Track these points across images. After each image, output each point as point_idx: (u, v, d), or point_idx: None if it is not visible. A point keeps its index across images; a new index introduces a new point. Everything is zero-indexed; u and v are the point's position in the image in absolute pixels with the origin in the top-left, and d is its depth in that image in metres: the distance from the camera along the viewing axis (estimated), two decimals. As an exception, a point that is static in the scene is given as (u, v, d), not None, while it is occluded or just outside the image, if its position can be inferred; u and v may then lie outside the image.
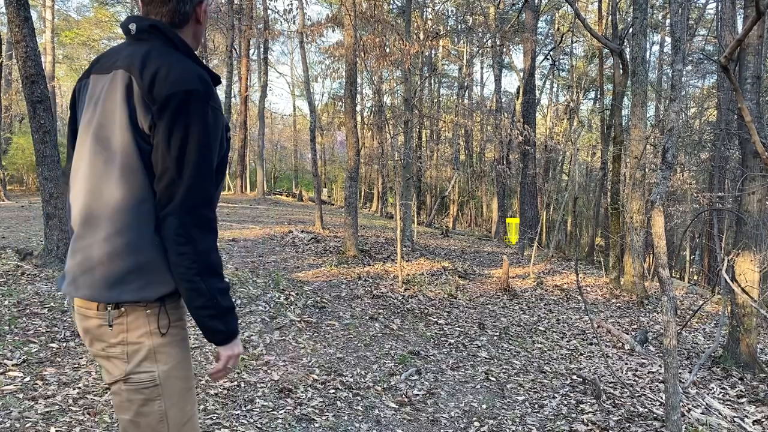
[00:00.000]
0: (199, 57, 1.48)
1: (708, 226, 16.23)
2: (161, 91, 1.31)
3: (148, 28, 1.42)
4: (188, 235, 1.32)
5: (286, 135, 37.34)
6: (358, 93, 17.32)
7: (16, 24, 5.49)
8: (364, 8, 11.50)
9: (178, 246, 1.32)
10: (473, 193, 27.65)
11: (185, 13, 1.46)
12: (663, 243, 3.61)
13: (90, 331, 1.41)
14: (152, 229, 1.36)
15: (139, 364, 1.38)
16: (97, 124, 1.38)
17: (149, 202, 1.35)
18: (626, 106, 15.21)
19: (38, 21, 21.39)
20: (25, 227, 9.28)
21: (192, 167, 1.32)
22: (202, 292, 1.34)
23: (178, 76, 1.33)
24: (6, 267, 5.52)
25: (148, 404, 1.39)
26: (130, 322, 1.37)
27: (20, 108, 20.39)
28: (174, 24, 1.45)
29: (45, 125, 5.70)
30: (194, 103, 1.31)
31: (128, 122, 1.34)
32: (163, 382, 1.40)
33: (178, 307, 1.44)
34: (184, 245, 1.32)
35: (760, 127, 5.17)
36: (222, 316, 1.39)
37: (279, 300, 5.76)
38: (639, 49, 9.30)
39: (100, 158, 1.37)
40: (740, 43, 3.11)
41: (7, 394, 2.99)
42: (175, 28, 1.45)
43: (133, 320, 1.37)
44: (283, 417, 3.28)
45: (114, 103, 1.35)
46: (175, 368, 1.42)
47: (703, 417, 4.11)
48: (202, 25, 1.53)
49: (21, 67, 5.60)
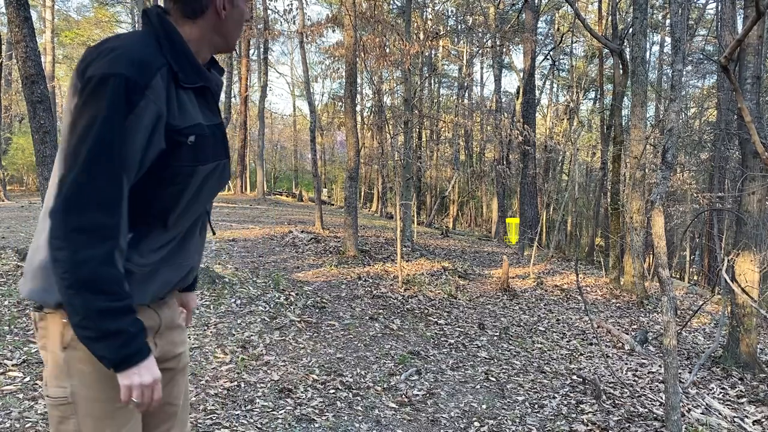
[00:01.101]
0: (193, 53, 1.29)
1: (708, 226, 16.23)
2: (84, 74, 1.16)
3: (142, 15, 1.30)
4: (66, 238, 1.10)
5: (286, 135, 37.36)
6: (358, 93, 17.33)
7: (16, 24, 5.49)
8: (364, 8, 11.49)
9: (52, 250, 1.12)
10: (473, 193, 27.65)
11: (198, 1, 1.28)
12: (663, 243, 3.61)
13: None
14: None
15: (55, 377, 1.24)
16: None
17: None
18: (626, 106, 15.21)
19: (38, 21, 21.39)
20: (25, 227, 9.28)
21: (85, 160, 1.11)
22: (75, 308, 1.12)
23: (108, 59, 1.15)
24: (6, 267, 5.52)
25: (63, 422, 1.26)
26: (49, 328, 1.24)
27: (20, 108, 20.41)
28: (185, 14, 1.28)
29: (45, 125, 5.70)
30: (112, 87, 1.12)
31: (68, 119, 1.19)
32: (78, 401, 1.24)
33: None
34: (57, 250, 1.11)
35: (760, 127, 5.17)
36: (102, 339, 1.13)
37: (279, 300, 5.76)
38: (639, 49, 9.30)
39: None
40: (740, 43, 3.11)
41: (7, 394, 2.99)
42: (186, 18, 1.29)
43: (52, 327, 1.23)
44: (283, 417, 3.28)
45: (68, 103, 1.23)
46: (92, 388, 1.24)
47: (703, 417, 4.11)
48: (226, 21, 1.32)
49: (21, 67, 5.60)
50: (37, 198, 15.14)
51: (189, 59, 1.28)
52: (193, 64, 1.28)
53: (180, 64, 1.25)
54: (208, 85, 1.33)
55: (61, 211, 1.11)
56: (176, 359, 1.48)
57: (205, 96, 1.33)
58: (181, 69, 1.25)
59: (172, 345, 1.46)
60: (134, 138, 1.15)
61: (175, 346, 1.47)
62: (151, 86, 1.17)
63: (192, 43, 1.31)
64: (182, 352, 1.51)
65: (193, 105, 1.29)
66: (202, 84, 1.31)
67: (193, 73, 1.28)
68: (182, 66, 1.26)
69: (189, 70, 1.27)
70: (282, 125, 38.98)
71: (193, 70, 1.28)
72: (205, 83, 1.32)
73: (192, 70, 1.28)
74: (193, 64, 1.29)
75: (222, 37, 1.35)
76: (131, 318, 1.17)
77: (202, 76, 1.31)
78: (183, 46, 1.27)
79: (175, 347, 1.47)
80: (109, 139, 1.12)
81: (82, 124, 1.13)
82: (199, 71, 1.30)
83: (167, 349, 1.44)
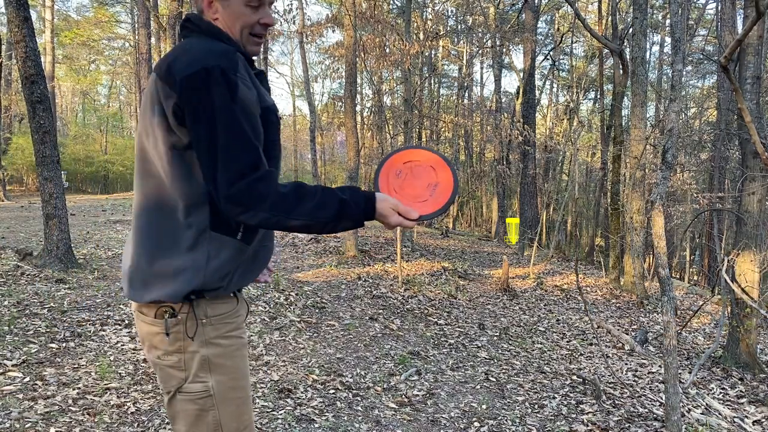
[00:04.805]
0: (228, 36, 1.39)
1: (708, 226, 16.23)
2: (176, 76, 1.24)
3: (183, 23, 1.40)
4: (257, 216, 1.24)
5: (286, 135, 37.31)
6: (358, 93, 17.33)
7: (15, 24, 5.49)
8: (364, 8, 11.49)
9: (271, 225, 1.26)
10: (473, 194, 27.63)
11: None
12: (663, 243, 3.61)
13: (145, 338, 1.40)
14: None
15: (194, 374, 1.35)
16: (140, 131, 1.36)
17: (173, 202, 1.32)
18: (626, 106, 15.21)
19: (38, 21, 21.39)
20: (25, 227, 9.28)
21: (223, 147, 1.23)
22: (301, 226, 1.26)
23: (191, 57, 1.26)
24: (6, 267, 5.52)
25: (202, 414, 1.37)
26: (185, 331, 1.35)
27: (20, 108, 20.39)
28: (202, 10, 1.39)
29: (45, 125, 5.70)
30: (213, 78, 1.23)
31: (158, 123, 1.29)
32: (219, 392, 1.36)
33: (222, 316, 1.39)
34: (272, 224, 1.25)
35: (760, 127, 5.17)
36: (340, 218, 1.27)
37: (279, 300, 5.76)
38: (639, 49, 9.30)
39: (139, 166, 1.37)
40: (740, 43, 3.11)
41: (7, 394, 2.99)
42: (204, 14, 1.39)
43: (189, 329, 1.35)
44: (283, 417, 3.28)
45: (146, 106, 1.32)
46: (231, 379, 1.38)
47: (703, 417, 4.11)
48: (220, 20, 1.40)
49: (21, 67, 5.60)
50: (36, 198, 15.12)
51: (239, 48, 1.38)
52: (245, 53, 1.40)
53: (243, 52, 1.37)
54: (262, 71, 1.46)
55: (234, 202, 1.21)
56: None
57: (263, 81, 1.45)
58: (245, 56, 1.37)
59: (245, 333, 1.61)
60: (248, 115, 1.26)
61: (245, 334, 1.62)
62: (239, 70, 1.28)
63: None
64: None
65: (262, 88, 1.41)
66: (259, 70, 1.44)
67: (249, 60, 1.41)
68: (244, 54, 1.38)
69: (248, 58, 1.40)
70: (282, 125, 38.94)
71: (248, 58, 1.41)
72: (260, 69, 1.45)
73: (248, 58, 1.40)
74: (244, 52, 1.40)
75: (235, 19, 1.39)
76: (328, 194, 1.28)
77: (253, 64, 1.44)
78: (231, 38, 1.39)
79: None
80: (236, 121, 1.23)
81: (206, 119, 1.22)
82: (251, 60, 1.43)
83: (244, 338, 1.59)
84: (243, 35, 1.40)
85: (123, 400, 3.12)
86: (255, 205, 1.22)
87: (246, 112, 1.26)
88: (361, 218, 1.30)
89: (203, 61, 1.24)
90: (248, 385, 1.43)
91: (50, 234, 5.76)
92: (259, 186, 1.22)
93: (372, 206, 1.30)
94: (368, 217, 1.30)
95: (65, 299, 4.71)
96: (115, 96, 35.25)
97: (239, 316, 1.43)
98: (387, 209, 1.30)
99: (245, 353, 1.44)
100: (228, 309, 1.39)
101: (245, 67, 1.33)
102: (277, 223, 1.25)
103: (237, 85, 1.24)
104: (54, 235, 5.75)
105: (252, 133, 1.26)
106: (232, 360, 1.38)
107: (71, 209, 10.31)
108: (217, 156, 1.22)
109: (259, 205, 1.22)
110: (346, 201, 1.28)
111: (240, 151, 1.23)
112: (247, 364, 1.44)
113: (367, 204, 1.30)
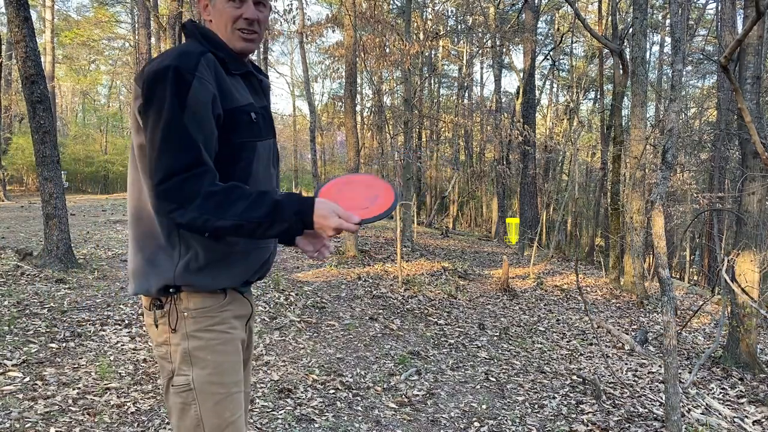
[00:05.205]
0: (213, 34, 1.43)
1: (708, 226, 16.22)
2: (143, 78, 1.30)
3: (181, 28, 1.51)
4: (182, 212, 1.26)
5: (286, 135, 37.30)
6: (358, 93, 17.33)
7: (16, 24, 5.49)
8: (364, 8, 11.49)
9: (187, 222, 1.25)
10: (473, 194, 27.62)
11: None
12: (663, 243, 3.61)
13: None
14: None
15: (178, 366, 1.38)
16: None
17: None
18: (626, 106, 15.20)
19: (38, 21, 21.38)
20: (25, 227, 9.28)
21: (160, 142, 1.25)
22: (231, 227, 1.25)
23: (159, 59, 1.31)
24: (6, 267, 5.52)
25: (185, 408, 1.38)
26: (170, 323, 1.38)
27: (20, 108, 20.38)
28: (200, 14, 1.50)
29: (45, 125, 5.70)
30: (164, 77, 1.26)
31: (131, 123, 1.36)
32: (198, 386, 1.36)
33: (210, 309, 1.40)
34: (190, 221, 1.25)
35: (760, 127, 5.17)
36: (273, 219, 1.25)
37: (279, 300, 5.76)
38: (639, 50, 9.30)
39: (132, 165, 1.41)
40: (740, 43, 3.11)
41: (7, 394, 2.99)
42: (202, 17, 1.46)
43: (173, 320, 1.38)
44: (283, 417, 3.28)
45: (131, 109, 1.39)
46: (211, 374, 1.37)
47: (703, 417, 4.11)
48: (212, 23, 1.45)
49: (21, 67, 5.60)
50: (36, 198, 15.12)
51: (227, 50, 1.43)
52: (232, 54, 1.43)
53: (224, 52, 1.41)
54: (251, 71, 1.49)
55: (163, 199, 1.24)
56: (250, 349, 1.62)
57: (251, 81, 1.49)
58: (226, 56, 1.41)
59: (251, 334, 1.61)
60: (202, 115, 1.28)
61: (252, 335, 1.63)
62: (198, 69, 1.29)
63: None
64: (253, 343, 1.67)
65: (243, 88, 1.44)
66: (246, 70, 1.47)
67: (234, 60, 1.44)
68: (226, 54, 1.41)
69: (231, 58, 1.42)
70: (282, 125, 38.95)
71: (234, 58, 1.44)
72: (248, 69, 1.47)
73: (233, 57, 1.43)
74: (232, 53, 1.44)
75: (223, 16, 1.43)
76: (262, 196, 1.28)
77: (244, 63, 1.47)
78: (218, 38, 1.43)
79: (252, 336, 1.63)
80: (177, 120, 1.25)
81: (153, 118, 1.26)
82: (240, 59, 1.46)
83: (250, 339, 1.60)
84: (229, 32, 1.43)
85: (123, 400, 3.12)
86: (184, 204, 1.23)
87: (193, 111, 1.26)
88: (295, 219, 1.26)
89: (163, 62, 1.28)
90: (234, 382, 1.40)
91: (50, 234, 5.76)
92: (188, 185, 1.23)
93: (308, 206, 1.27)
94: (304, 217, 1.26)
95: (65, 299, 4.71)
96: (115, 96, 35.22)
97: (227, 311, 1.42)
98: (326, 210, 1.27)
99: (232, 350, 1.42)
100: (211, 303, 1.39)
101: (214, 66, 1.34)
102: (205, 223, 1.24)
103: (189, 84, 1.27)
104: (54, 235, 5.75)
105: (196, 132, 1.27)
106: (214, 354, 1.37)
107: (71, 209, 10.31)
108: (154, 152, 1.25)
109: (187, 204, 1.23)
110: (280, 201, 1.27)
111: (176, 150, 1.24)
112: (235, 361, 1.41)
113: (302, 203, 1.27)
